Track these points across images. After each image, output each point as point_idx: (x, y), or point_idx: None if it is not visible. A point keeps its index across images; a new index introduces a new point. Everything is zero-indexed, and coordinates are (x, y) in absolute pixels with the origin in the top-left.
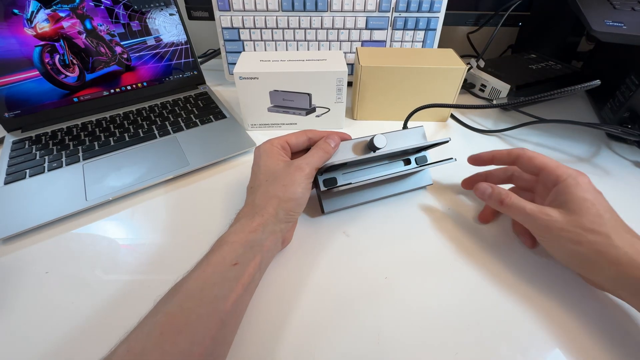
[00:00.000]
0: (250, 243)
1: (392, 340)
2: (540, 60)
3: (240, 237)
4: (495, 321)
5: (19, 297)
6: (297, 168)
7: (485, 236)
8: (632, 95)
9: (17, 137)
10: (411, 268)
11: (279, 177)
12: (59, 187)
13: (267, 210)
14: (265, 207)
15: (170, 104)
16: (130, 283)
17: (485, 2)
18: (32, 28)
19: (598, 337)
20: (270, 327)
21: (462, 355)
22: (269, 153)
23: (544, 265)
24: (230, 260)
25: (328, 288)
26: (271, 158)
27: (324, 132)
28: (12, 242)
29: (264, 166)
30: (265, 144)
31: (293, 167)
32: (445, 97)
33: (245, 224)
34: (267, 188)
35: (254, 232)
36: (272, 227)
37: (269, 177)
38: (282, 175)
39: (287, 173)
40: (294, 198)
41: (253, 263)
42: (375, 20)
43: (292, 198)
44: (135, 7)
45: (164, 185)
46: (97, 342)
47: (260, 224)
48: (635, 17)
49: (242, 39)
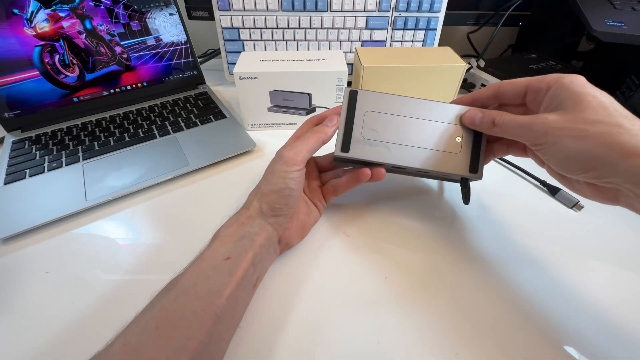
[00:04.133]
0: (240, 235)
1: (392, 340)
2: (540, 60)
3: (229, 231)
4: (495, 321)
5: (19, 297)
6: (278, 157)
7: (485, 236)
8: (632, 95)
9: (17, 137)
10: (411, 268)
11: (267, 172)
12: (59, 187)
13: (252, 204)
14: (251, 201)
15: (170, 104)
16: (130, 283)
17: (485, 2)
18: (32, 28)
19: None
20: (270, 327)
21: (462, 355)
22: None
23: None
24: (222, 254)
25: (328, 288)
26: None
27: (325, 113)
28: (12, 242)
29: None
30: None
31: (276, 157)
32: (445, 95)
33: (235, 219)
34: (258, 185)
35: (242, 225)
36: (260, 221)
37: (264, 176)
38: (268, 169)
39: (270, 165)
40: (273, 190)
41: (246, 258)
42: (375, 20)
43: (272, 190)
44: (135, 7)
45: (164, 185)
46: (97, 342)
47: (248, 217)
48: (635, 17)
49: (242, 39)
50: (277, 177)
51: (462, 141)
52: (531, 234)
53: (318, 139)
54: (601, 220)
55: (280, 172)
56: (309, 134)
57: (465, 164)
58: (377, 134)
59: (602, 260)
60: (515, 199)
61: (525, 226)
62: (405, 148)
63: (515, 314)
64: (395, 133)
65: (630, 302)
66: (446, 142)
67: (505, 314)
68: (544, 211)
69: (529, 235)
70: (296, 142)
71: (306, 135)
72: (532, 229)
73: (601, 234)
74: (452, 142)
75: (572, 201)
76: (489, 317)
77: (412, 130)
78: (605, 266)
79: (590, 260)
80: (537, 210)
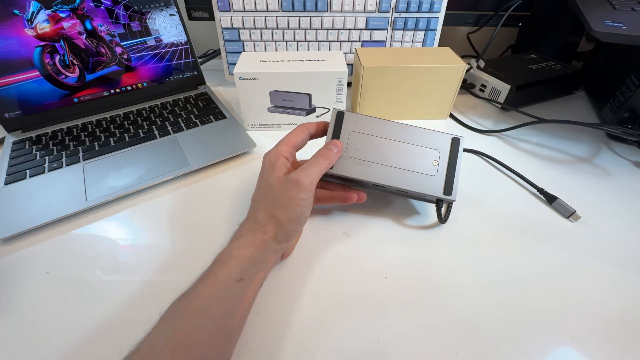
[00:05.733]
0: (255, 260)
1: (392, 340)
2: (540, 61)
3: (245, 253)
4: (495, 321)
5: (19, 298)
6: (294, 183)
7: (483, 237)
8: (632, 95)
9: (17, 137)
10: (411, 268)
11: (278, 195)
12: (59, 187)
13: (268, 229)
14: (266, 225)
15: (170, 104)
16: (131, 283)
17: (485, 2)
18: (32, 28)
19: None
20: (270, 327)
21: (462, 355)
22: (273, 164)
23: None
24: (236, 276)
25: (328, 288)
26: (274, 171)
27: (320, 124)
28: (12, 243)
29: (266, 180)
30: (272, 154)
31: (290, 182)
32: (445, 95)
33: (250, 240)
34: (267, 205)
35: (258, 249)
36: (274, 246)
37: (268, 192)
38: (280, 193)
39: (284, 190)
40: (292, 218)
41: (257, 279)
42: (375, 21)
43: (290, 219)
44: (135, 7)
45: (164, 185)
46: (97, 342)
47: (264, 241)
48: (635, 17)
49: (242, 40)
50: (295, 205)
51: (438, 165)
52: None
53: (329, 165)
54: (587, 209)
55: (298, 200)
56: (320, 159)
57: (440, 186)
58: (360, 153)
59: (599, 266)
60: (511, 205)
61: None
62: (385, 168)
63: (515, 314)
64: (377, 153)
65: (631, 311)
66: (423, 165)
67: (505, 313)
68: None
69: (525, 241)
70: (310, 169)
71: (318, 160)
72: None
73: (598, 244)
74: (428, 165)
75: (569, 210)
76: (489, 317)
77: (393, 152)
78: (603, 272)
79: (587, 268)
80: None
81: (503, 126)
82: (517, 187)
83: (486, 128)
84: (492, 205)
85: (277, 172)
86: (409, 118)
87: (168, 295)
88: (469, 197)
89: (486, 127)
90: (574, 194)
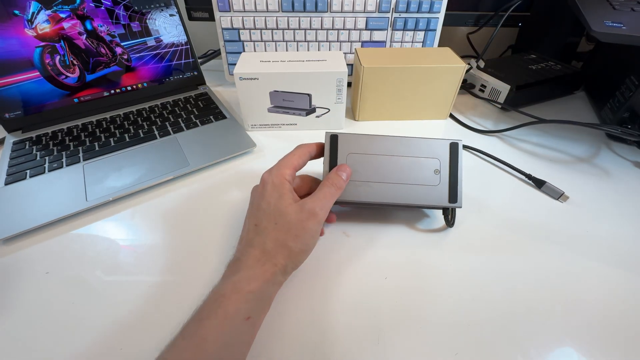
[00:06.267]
0: (262, 295)
1: (392, 340)
2: (540, 61)
3: (254, 287)
4: (495, 321)
5: (19, 298)
6: (310, 214)
7: (483, 237)
8: (632, 95)
9: (17, 137)
10: (411, 268)
11: (291, 224)
12: (60, 187)
13: (278, 260)
14: (276, 256)
15: (170, 105)
16: (131, 284)
17: (485, 3)
18: (32, 29)
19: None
20: (269, 327)
21: (462, 355)
22: (279, 190)
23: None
24: (245, 314)
25: (328, 288)
26: (282, 198)
27: (319, 145)
28: (12, 243)
29: (274, 206)
30: (276, 176)
31: (305, 212)
32: (445, 95)
33: (259, 272)
34: (278, 235)
35: (267, 283)
36: (280, 279)
37: (278, 220)
38: (294, 222)
39: (299, 220)
40: (304, 250)
41: (263, 315)
42: (375, 21)
43: (302, 250)
44: (135, 7)
45: (165, 185)
46: (97, 342)
47: (273, 274)
48: (634, 18)
49: (242, 40)
50: (309, 236)
51: (439, 173)
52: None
53: (340, 193)
54: (587, 209)
55: (312, 232)
56: (333, 190)
57: (445, 195)
58: (360, 175)
59: (601, 267)
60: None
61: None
62: (387, 186)
63: (514, 313)
64: (377, 172)
65: (631, 311)
66: (425, 176)
67: (505, 313)
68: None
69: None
70: (326, 201)
71: (331, 191)
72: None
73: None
74: (430, 175)
75: (558, 193)
76: (489, 317)
77: (393, 168)
78: (605, 274)
79: (588, 269)
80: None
81: (503, 126)
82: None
83: (486, 128)
84: (492, 205)
85: (286, 198)
86: (409, 118)
87: (168, 296)
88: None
89: (486, 128)
90: (574, 194)
